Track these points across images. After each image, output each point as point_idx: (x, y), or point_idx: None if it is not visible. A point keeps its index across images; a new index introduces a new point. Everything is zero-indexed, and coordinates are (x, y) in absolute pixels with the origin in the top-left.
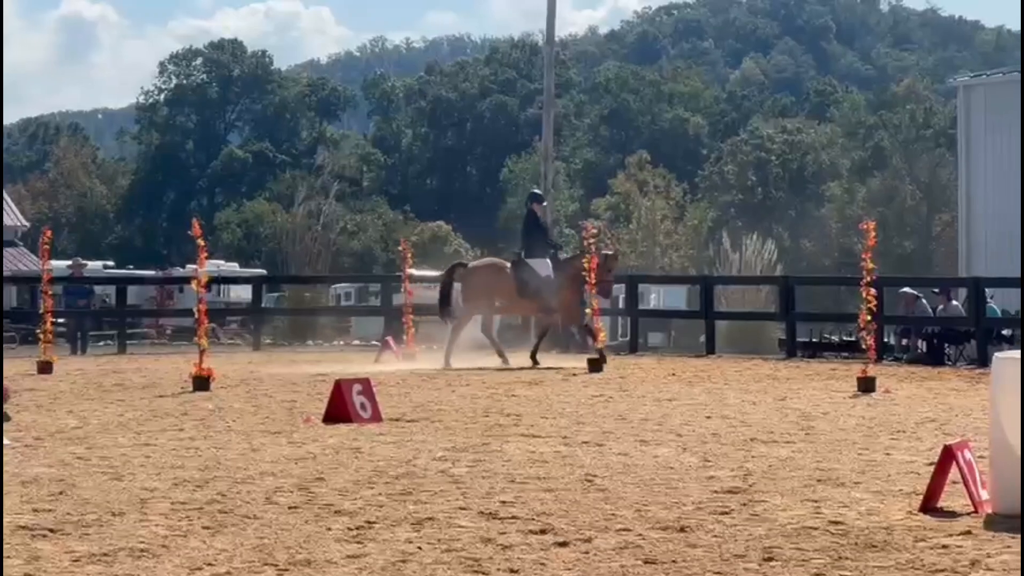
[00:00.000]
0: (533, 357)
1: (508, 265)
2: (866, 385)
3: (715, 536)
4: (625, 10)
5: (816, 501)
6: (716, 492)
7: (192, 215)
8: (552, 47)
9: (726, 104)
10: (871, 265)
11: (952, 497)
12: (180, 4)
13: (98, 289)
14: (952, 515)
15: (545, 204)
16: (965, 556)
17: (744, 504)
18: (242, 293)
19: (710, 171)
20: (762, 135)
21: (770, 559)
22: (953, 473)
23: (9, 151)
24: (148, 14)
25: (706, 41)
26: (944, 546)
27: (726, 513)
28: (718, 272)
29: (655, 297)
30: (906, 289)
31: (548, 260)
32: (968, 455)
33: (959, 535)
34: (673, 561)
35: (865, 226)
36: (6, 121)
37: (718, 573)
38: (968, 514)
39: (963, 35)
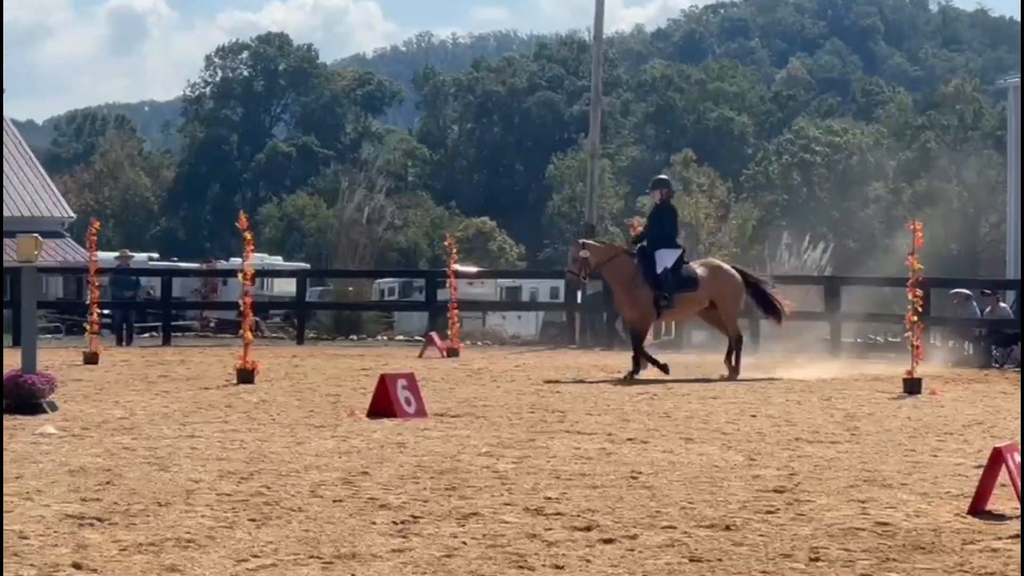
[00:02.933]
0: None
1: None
2: (912, 386)
3: (761, 535)
4: (674, 8)
5: (862, 502)
6: (761, 491)
7: (236, 208)
8: (600, 44)
9: (772, 103)
10: (918, 265)
11: (1001, 500)
12: None
13: (143, 281)
14: (1001, 518)
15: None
16: (1014, 559)
17: (790, 503)
18: (286, 287)
19: (754, 170)
20: (807, 135)
21: (816, 559)
22: (1002, 476)
23: (56, 142)
24: (197, 7)
25: (752, 40)
26: (993, 549)
27: (772, 512)
28: (770, 271)
29: None
30: (958, 289)
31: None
32: (1017, 457)
33: (1008, 538)
34: (719, 559)
35: (912, 226)
36: (53, 112)
37: (764, 572)
38: (1017, 517)
39: (1013, 36)
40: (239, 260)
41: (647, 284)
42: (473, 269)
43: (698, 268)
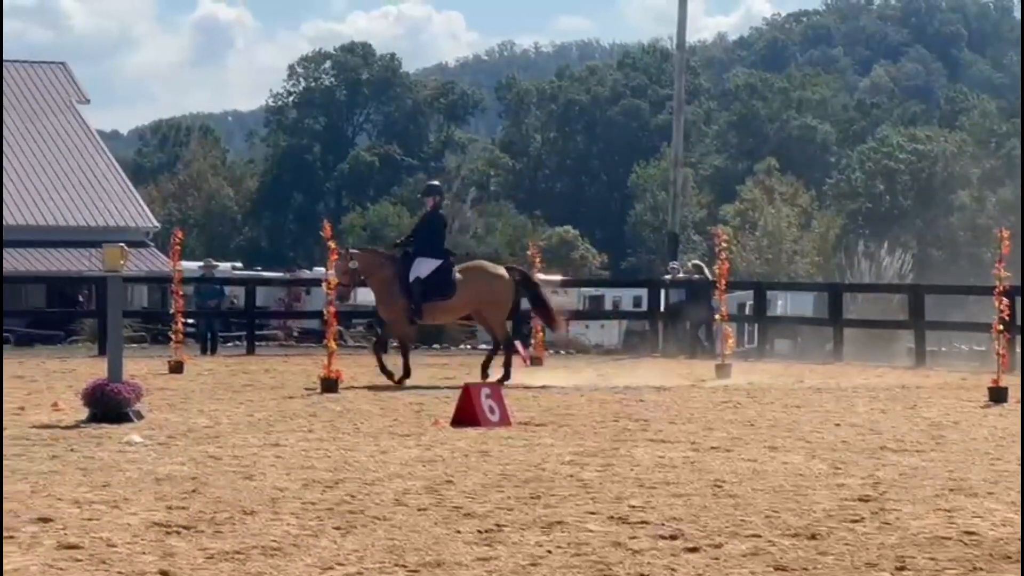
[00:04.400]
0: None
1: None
2: (997, 395)
3: (846, 544)
4: (756, 16)
5: (949, 511)
6: (846, 500)
7: (319, 217)
8: (683, 53)
9: (855, 112)
10: (1005, 273)
11: None
12: (313, 7)
13: (227, 290)
14: None
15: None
16: None
17: (875, 512)
18: (370, 296)
19: (837, 179)
20: (891, 143)
21: (903, 568)
22: None
23: (140, 152)
24: (281, 17)
25: (835, 48)
26: None
27: (857, 521)
28: (849, 280)
29: (782, 304)
30: None
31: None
32: None
33: None
34: (804, 568)
35: (1000, 233)
36: (138, 123)
37: None
38: None
39: None
40: (323, 269)
41: (401, 292)
42: (556, 278)
43: (458, 274)
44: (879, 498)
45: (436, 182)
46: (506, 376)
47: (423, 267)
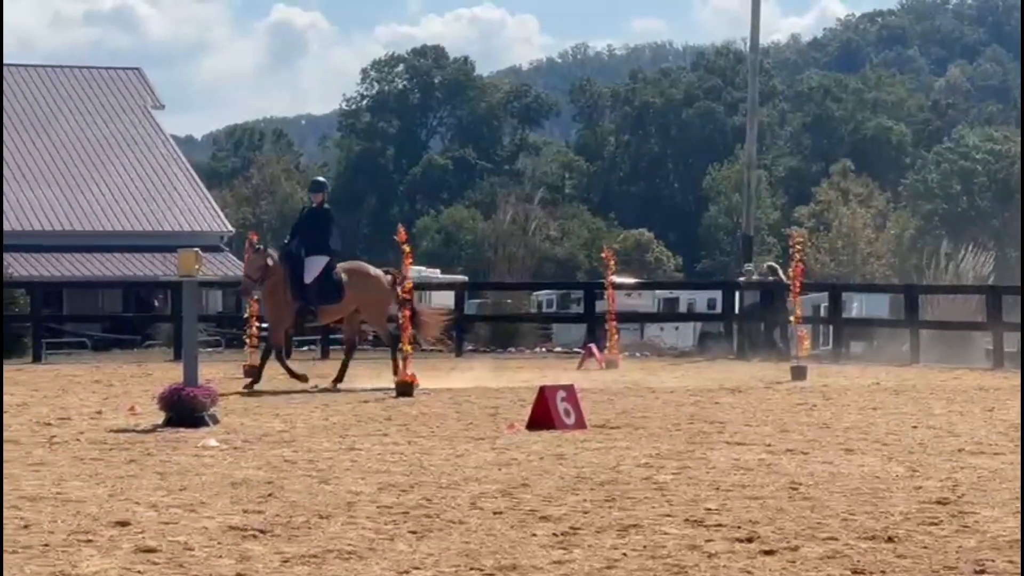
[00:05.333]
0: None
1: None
2: None
3: (924, 547)
4: (830, 17)
5: None
6: (924, 502)
7: (393, 221)
8: (756, 55)
9: (930, 112)
10: None
11: None
12: (387, 11)
13: None
14: None
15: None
16: None
17: (953, 515)
18: (444, 299)
19: (913, 180)
20: (967, 144)
21: (982, 571)
22: None
23: (215, 157)
24: (355, 21)
25: (911, 48)
26: None
27: (935, 524)
28: (928, 281)
29: (857, 305)
30: None
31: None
32: None
33: None
34: (882, 572)
35: None
36: (213, 128)
37: None
38: None
39: None
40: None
41: (291, 292)
42: (631, 281)
43: (343, 274)
44: (957, 501)
45: (321, 179)
46: (339, 380)
47: (316, 267)
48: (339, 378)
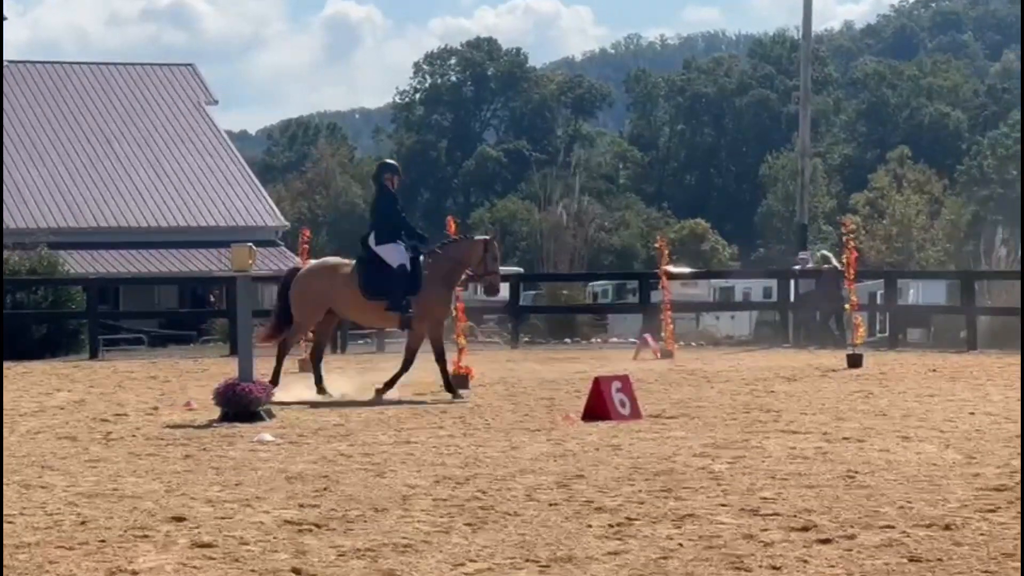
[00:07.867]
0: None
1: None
2: None
3: (982, 534)
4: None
5: None
6: (981, 490)
7: (447, 214)
8: (809, 42)
9: (986, 97)
10: None
11: None
12: (441, 3)
13: None
14: None
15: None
16: None
17: (1011, 502)
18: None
19: (968, 165)
20: None
21: None
22: None
23: (269, 152)
24: (410, 14)
25: (965, 34)
26: None
27: (993, 511)
28: (985, 267)
29: (913, 292)
30: None
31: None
32: None
33: None
34: (939, 559)
35: None
36: (267, 122)
37: (986, 572)
38: None
39: None
40: None
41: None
42: (686, 270)
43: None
44: (1015, 487)
45: (392, 160)
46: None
47: (396, 254)
48: (273, 380)
